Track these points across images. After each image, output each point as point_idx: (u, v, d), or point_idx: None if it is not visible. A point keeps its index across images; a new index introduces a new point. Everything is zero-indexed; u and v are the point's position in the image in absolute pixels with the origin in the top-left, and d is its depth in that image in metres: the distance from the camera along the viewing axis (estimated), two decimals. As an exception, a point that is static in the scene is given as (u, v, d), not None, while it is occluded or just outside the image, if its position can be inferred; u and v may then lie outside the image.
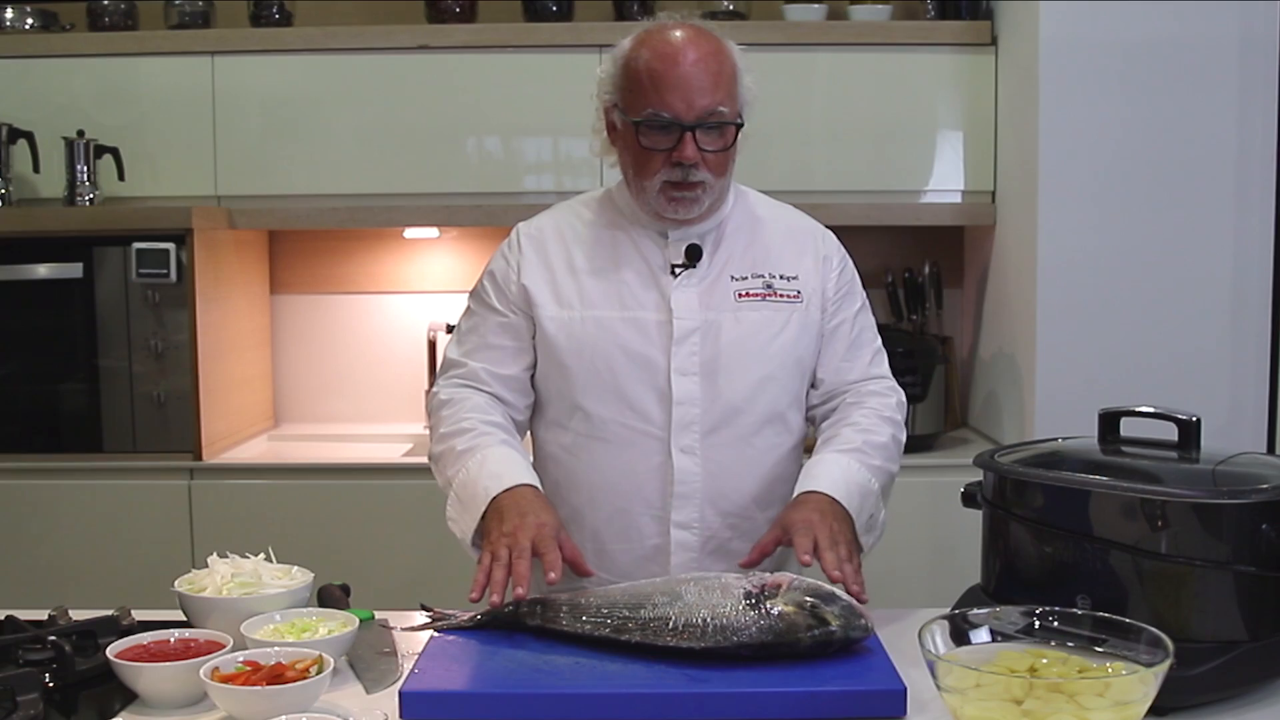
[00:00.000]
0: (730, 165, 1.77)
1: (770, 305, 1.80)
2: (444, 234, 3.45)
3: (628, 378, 1.77)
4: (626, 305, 1.78)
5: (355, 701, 1.39)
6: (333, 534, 2.92)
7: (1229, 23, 2.74)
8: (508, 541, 1.60)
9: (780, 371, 1.80)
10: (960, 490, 1.65)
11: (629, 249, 1.82)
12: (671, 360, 1.76)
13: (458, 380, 1.85)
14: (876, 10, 3.17)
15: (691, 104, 1.69)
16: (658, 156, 1.72)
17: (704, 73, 1.70)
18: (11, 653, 1.47)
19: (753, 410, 1.79)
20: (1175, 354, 2.79)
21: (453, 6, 3.22)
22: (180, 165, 3.14)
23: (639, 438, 1.77)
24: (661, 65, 1.70)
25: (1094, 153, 2.79)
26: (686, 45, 1.70)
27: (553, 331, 1.79)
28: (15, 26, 3.22)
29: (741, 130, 1.77)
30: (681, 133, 1.70)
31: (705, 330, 1.77)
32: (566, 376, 1.79)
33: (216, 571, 1.58)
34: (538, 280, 1.82)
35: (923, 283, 3.30)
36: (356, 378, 3.51)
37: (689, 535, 1.78)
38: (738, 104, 1.75)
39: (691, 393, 1.76)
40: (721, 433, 1.77)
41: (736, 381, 1.77)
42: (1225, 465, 1.46)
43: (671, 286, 1.78)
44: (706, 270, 1.80)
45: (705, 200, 1.75)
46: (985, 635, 1.30)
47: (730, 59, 1.75)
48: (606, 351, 1.77)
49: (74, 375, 3.00)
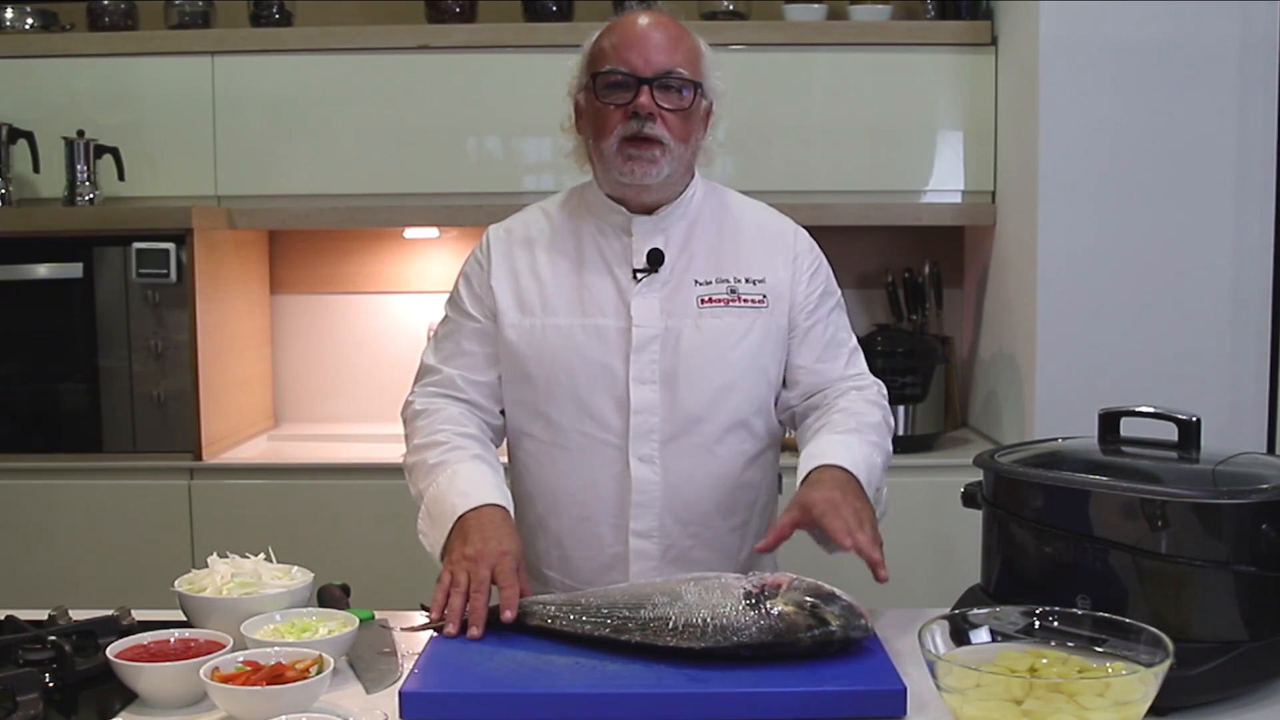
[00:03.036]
0: (692, 134, 1.76)
1: (733, 311, 1.78)
2: (444, 234, 3.45)
3: (587, 386, 1.76)
4: (587, 312, 1.78)
5: (355, 701, 1.39)
6: (333, 534, 2.92)
7: (1229, 23, 2.74)
8: (467, 567, 1.58)
9: (742, 379, 1.78)
10: (960, 490, 1.65)
11: (593, 251, 1.81)
12: (630, 368, 1.75)
13: (433, 389, 1.86)
14: (876, 10, 3.17)
15: (649, 59, 1.70)
16: (615, 114, 1.72)
17: (663, 36, 1.72)
18: (11, 653, 1.47)
19: (714, 418, 1.77)
20: (1175, 354, 2.79)
21: (453, 6, 3.22)
22: (180, 165, 3.14)
23: (599, 446, 1.76)
24: (622, 32, 1.73)
25: (1094, 153, 2.79)
26: (649, 18, 1.74)
27: (514, 339, 1.80)
28: (15, 26, 3.22)
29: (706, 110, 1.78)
30: (639, 86, 1.70)
31: (665, 338, 1.76)
32: (529, 384, 1.79)
33: (216, 571, 1.58)
34: (503, 285, 1.82)
35: (923, 283, 3.30)
36: (356, 378, 3.51)
37: (648, 544, 1.77)
38: (701, 74, 1.75)
39: (650, 401, 1.75)
40: (681, 441, 1.76)
41: (696, 390, 1.76)
42: (1225, 465, 1.46)
43: (632, 293, 1.77)
44: (669, 275, 1.79)
45: (664, 164, 1.73)
46: (985, 635, 1.31)
47: (693, 38, 1.77)
48: (566, 360, 1.77)
49: (74, 375, 3.00)
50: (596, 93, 1.73)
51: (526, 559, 1.83)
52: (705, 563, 1.78)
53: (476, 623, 1.52)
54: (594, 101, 1.74)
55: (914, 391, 3.08)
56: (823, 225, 3.20)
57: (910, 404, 3.08)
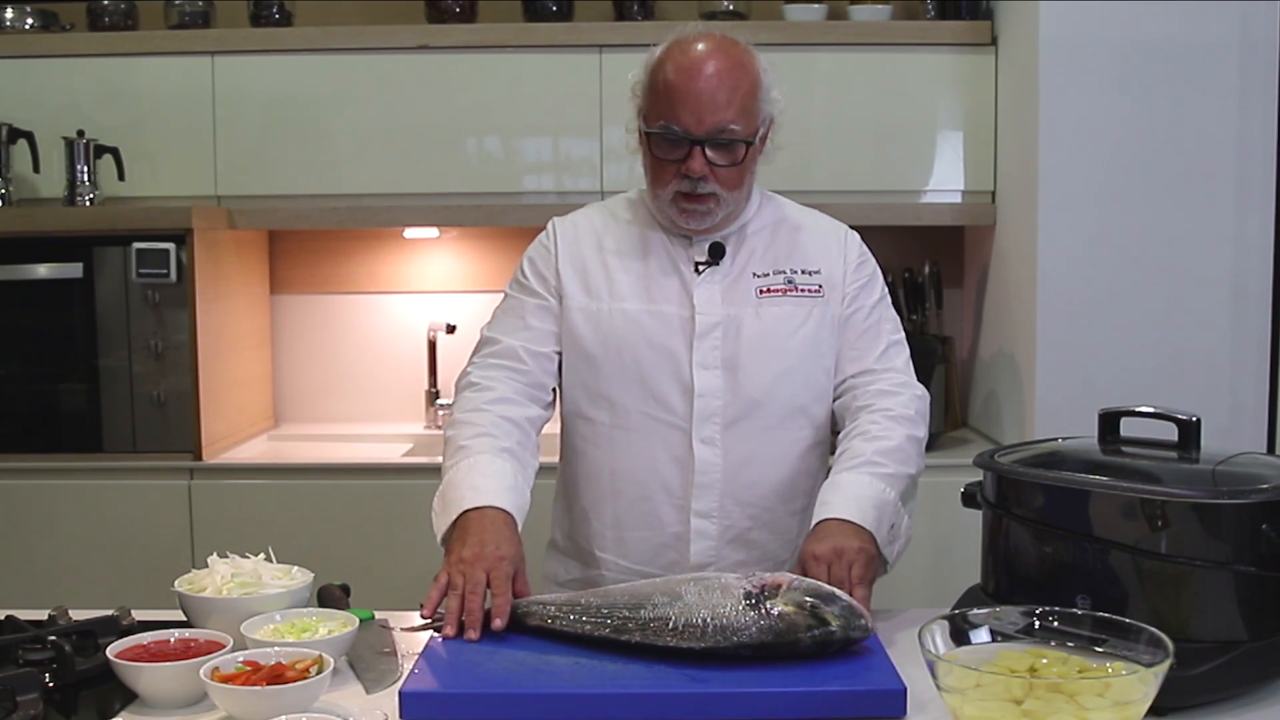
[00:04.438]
0: (745, 179, 1.80)
1: (791, 300, 1.84)
2: (444, 234, 3.45)
3: (651, 369, 1.81)
4: (652, 299, 1.83)
5: (355, 701, 1.39)
6: (333, 534, 2.92)
7: (1229, 23, 2.74)
8: (464, 569, 1.57)
9: (800, 365, 1.83)
10: (960, 490, 1.65)
11: (657, 246, 1.86)
12: (694, 354, 1.81)
13: (493, 360, 1.85)
14: (876, 10, 3.17)
15: (701, 120, 1.72)
16: (670, 167, 1.76)
17: (719, 89, 1.72)
18: (11, 653, 1.47)
19: (774, 403, 1.82)
20: (1175, 354, 2.79)
21: (453, 6, 3.22)
22: (180, 165, 3.14)
23: (661, 428, 1.81)
24: (678, 79, 1.73)
25: (1094, 153, 2.79)
26: (705, 59, 1.73)
27: (579, 322, 1.84)
28: (15, 26, 3.22)
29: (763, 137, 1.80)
30: (690, 146, 1.73)
31: (727, 325, 1.82)
32: (592, 366, 1.83)
33: (216, 571, 1.58)
34: (569, 269, 1.87)
35: (923, 283, 3.30)
36: (356, 378, 3.51)
37: (709, 524, 1.81)
38: (755, 120, 1.77)
39: (713, 385, 1.80)
40: (743, 425, 1.81)
41: (757, 375, 1.81)
42: (1225, 465, 1.46)
43: (695, 283, 1.83)
44: (729, 268, 1.85)
45: (718, 212, 1.80)
46: (985, 635, 1.31)
47: (750, 74, 1.75)
48: (632, 343, 1.82)
49: (74, 375, 3.00)
50: (652, 145, 1.77)
51: (577, 542, 1.90)
52: (763, 545, 1.84)
53: (473, 625, 1.52)
54: (648, 149, 1.78)
55: (914, 391, 3.08)
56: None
57: (911, 404, 3.08)
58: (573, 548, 1.93)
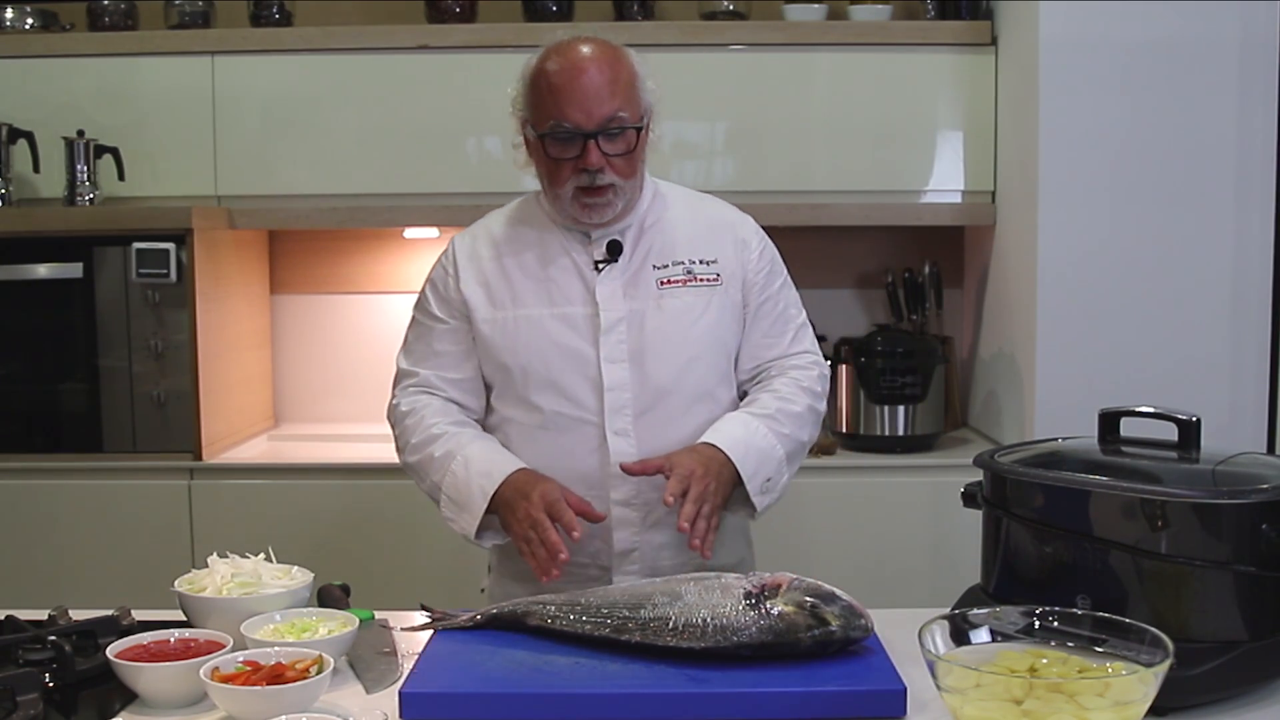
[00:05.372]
0: (638, 166, 1.87)
1: (691, 290, 1.90)
2: (444, 234, 3.45)
3: (561, 370, 1.86)
4: (555, 302, 1.89)
5: (355, 701, 1.39)
6: (333, 534, 2.92)
7: (1229, 23, 2.74)
8: (529, 524, 1.73)
9: (705, 352, 1.90)
10: (960, 490, 1.65)
11: (556, 249, 1.91)
12: (600, 350, 1.86)
13: (413, 389, 1.97)
14: (876, 10, 3.17)
15: (590, 113, 1.79)
16: (566, 165, 1.82)
17: (601, 82, 1.80)
18: (11, 653, 1.48)
19: (681, 390, 1.88)
20: (1175, 354, 2.79)
21: (453, 6, 3.22)
22: (180, 165, 3.14)
23: (576, 424, 1.86)
24: (559, 79, 1.80)
25: (1094, 153, 2.79)
26: (582, 58, 1.82)
27: (488, 333, 1.90)
28: (15, 26, 3.22)
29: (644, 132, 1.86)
30: (584, 141, 1.79)
31: (630, 319, 1.87)
32: (506, 373, 1.90)
33: (216, 571, 1.58)
34: (472, 286, 1.92)
35: (923, 283, 3.30)
36: (357, 378, 3.51)
37: (629, 511, 1.86)
38: (639, 108, 1.84)
39: (622, 379, 1.86)
40: (653, 413, 1.86)
41: (664, 365, 1.87)
42: (1225, 465, 1.46)
43: (596, 281, 1.88)
44: (628, 264, 1.90)
45: (618, 202, 1.85)
46: (985, 635, 1.31)
47: (627, 65, 1.84)
48: (540, 347, 1.88)
49: (74, 375, 3.00)
50: (545, 147, 1.83)
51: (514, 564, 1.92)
52: None
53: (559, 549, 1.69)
54: (542, 152, 1.84)
55: (914, 391, 3.08)
56: (823, 225, 3.24)
57: (910, 404, 3.08)
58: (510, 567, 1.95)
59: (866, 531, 2.97)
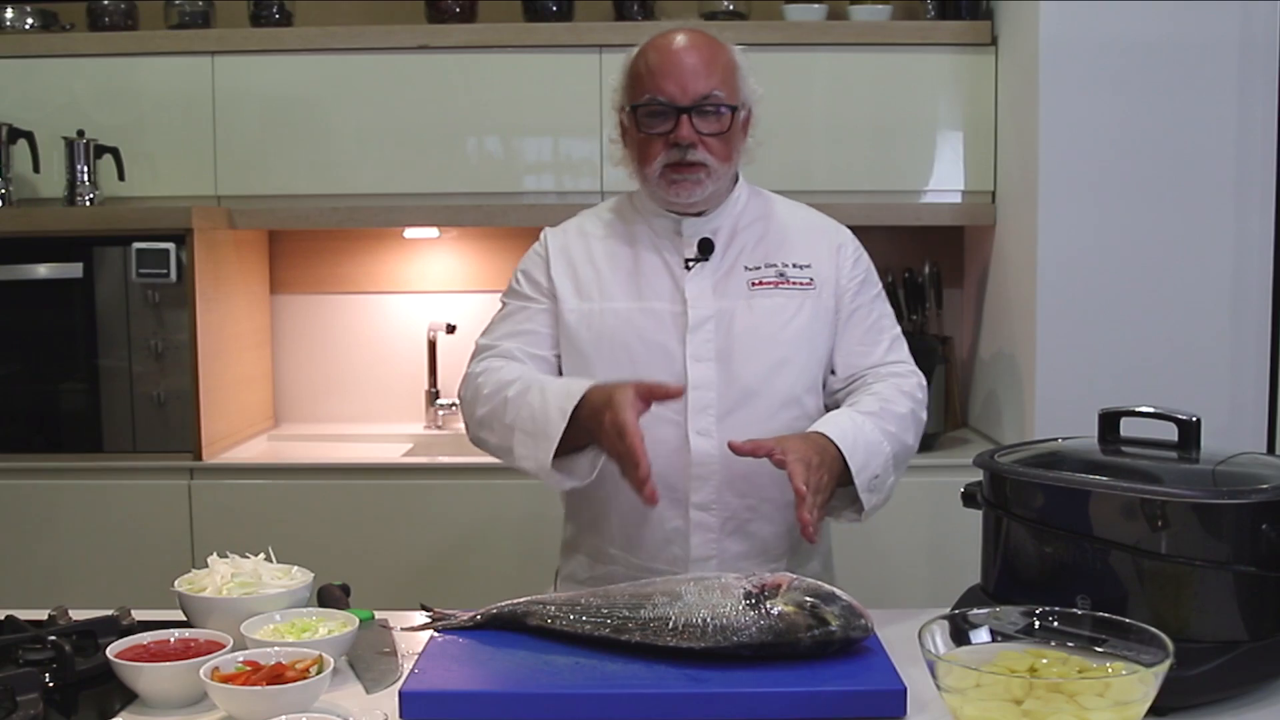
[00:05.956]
0: (734, 152, 1.84)
1: (783, 292, 1.86)
2: (444, 234, 3.45)
3: (645, 365, 1.82)
4: (643, 296, 1.85)
5: (355, 701, 1.39)
6: (333, 534, 2.92)
7: (1229, 23, 2.74)
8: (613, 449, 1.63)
9: (795, 355, 1.85)
10: (960, 490, 1.65)
11: (646, 245, 1.89)
12: (687, 347, 1.82)
13: (491, 356, 1.89)
14: (876, 10, 3.17)
15: (686, 88, 1.77)
16: (657, 141, 1.80)
17: (698, 60, 1.78)
18: (11, 653, 1.47)
19: (768, 394, 1.83)
20: (1175, 354, 2.79)
21: (453, 6, 3.22)
22: (180, 165, 3.14)
23: (657, 422, 1.78)
24: (658, 55, 1.80)
25: (1094, 153, 2.79)
26: (682, 39, 1.81)
27: (573, 323, 1.87)
28: (15, 26, 3.22)
29: (745, 119, 1.85)
30: (677, 115, 1.77)
31: (719, 318, 1.83)
32: (588, 366, 1.85)
33: (216, 571, 1.58)
34: (562, 274, 1.89)
35: (923, 283, 3.30)
36: (356, 378, 3.51)
37: (708, 516, 1.82)
38: (737, 93, 1.82)
39: (707, 377, 1.81)
40: (738, 415, 1.81)
41: (751, 366, 1.82)
42: (1225, 465, 1.46)
43: (685, 279, 1.85)
44: (719, 262, 1.87)
45: (707, 184, 1.81)
46: (985, 635, 1.30)
47: (727, 53, 1.83)
48: (625, 340, 1.84)
49: (74, 375, 3.00)
50: (638, 122, 1.81)
51: (593, 543, 1.90)
52: (762, 536, 1.84)
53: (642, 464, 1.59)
54: (635, 131, 1.82)
55: (914, 391, 3.08)
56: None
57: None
58: (585, 545, 1.94)
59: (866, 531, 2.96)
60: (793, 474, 1.63)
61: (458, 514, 2.96)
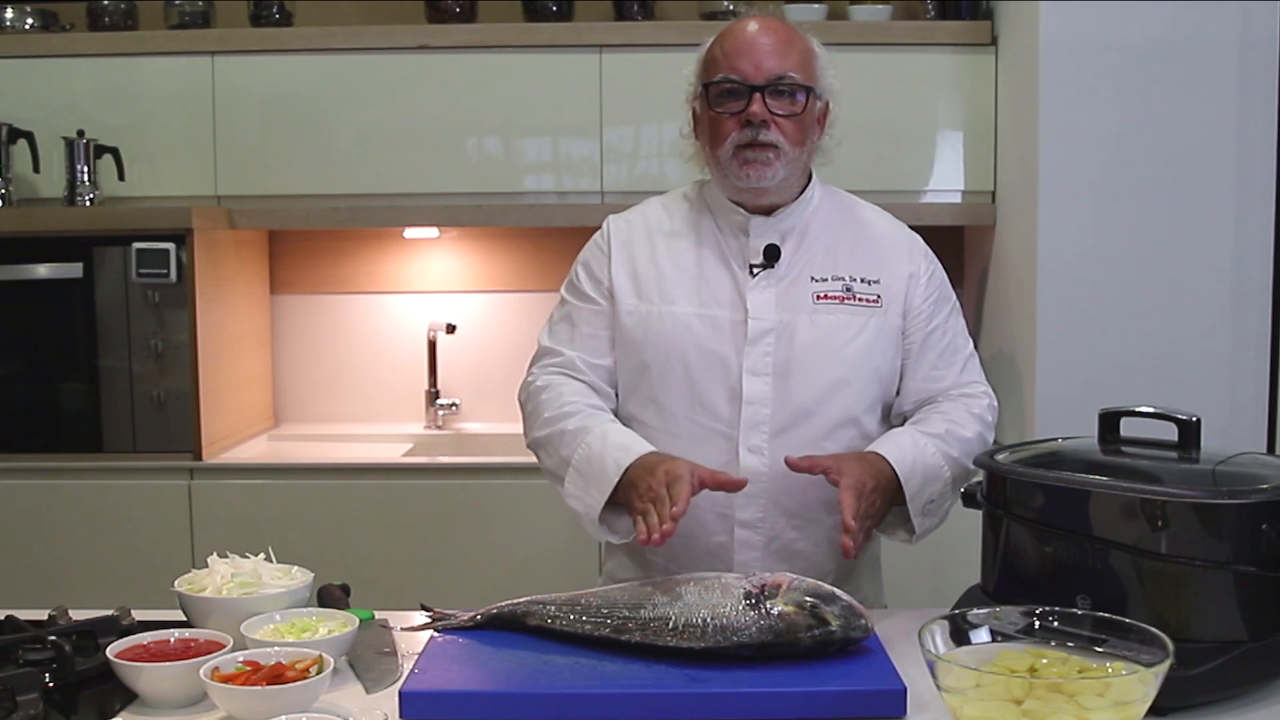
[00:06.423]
0: (807, 137, 1.78)
1: (848, 309, 1.80)
2: (444, 234, 3.45)
3: (700, 374, 1.77)
4: (704, 303, 1.80)
5: (355, 701, 1.39)
6: (333, 534, 2.92)
7: (1229, 23, 2.74)
8: (650, 493, 1.61)
9: (854, 375, 1.79)
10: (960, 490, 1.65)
11: (711, 245, 1.83)
12: (744, 360, 1.76)
13: (554, 368, 1.85)
14: (876, 10, 3.17)
15: (760, 66, 1.73)
16: (729, 121, 1.75)
17: (774, 41, 1.75)
18: (11, 653, 1.47)
19: (825, 413, 1.78)
20: (1175, 354, 2.79)
21: (453, 6, 3.22)
22: (180, 165, 3.14)
23: (709, 435, 1.76)
24: (733, 37, 1.76)
25: (1094, 153, 2.79)
26: (758, 23, 1.77)
27: (630, 325, 1.81)
28: (15, 26, 3.22)
29: (822, 111, 1.80)
30: (750, 94, 1.73)
31: (780, 331, 1.77)
32: (642, 369, 1.81)
33: (216, 571, 1.58)
34: (622, 272, 1.84)
35: (923, 283, 3.30)
36: (356, 378, 3.51)
37: (753, 534, 1.78)
38: (814, 78, 1.78)
39: (762, 393, 1.76)
40: (791, 434, 1.76)
41: (809, 384, 1.77)
42: (1225, 465, 1.46)
43: (748, 286, 1.79)
44: (785, 270, 1.80)
45: (779, 167, 1.75)
46: (985, 635, 1.30)
47: (805, 41, 1.79)
48: (681, 347, 1.78)
49: (74, 375, 3.00)
50: (710, 101, 1.77)
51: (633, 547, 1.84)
52: (808, 556, 1.79)
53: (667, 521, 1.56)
54: (708, 110, 1.78)
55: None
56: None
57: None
58: (629, 549, 1.88)
59: (866, 531, 2.96)
60: (844, 506, 1.61)
61: (458, 514, 2.96)
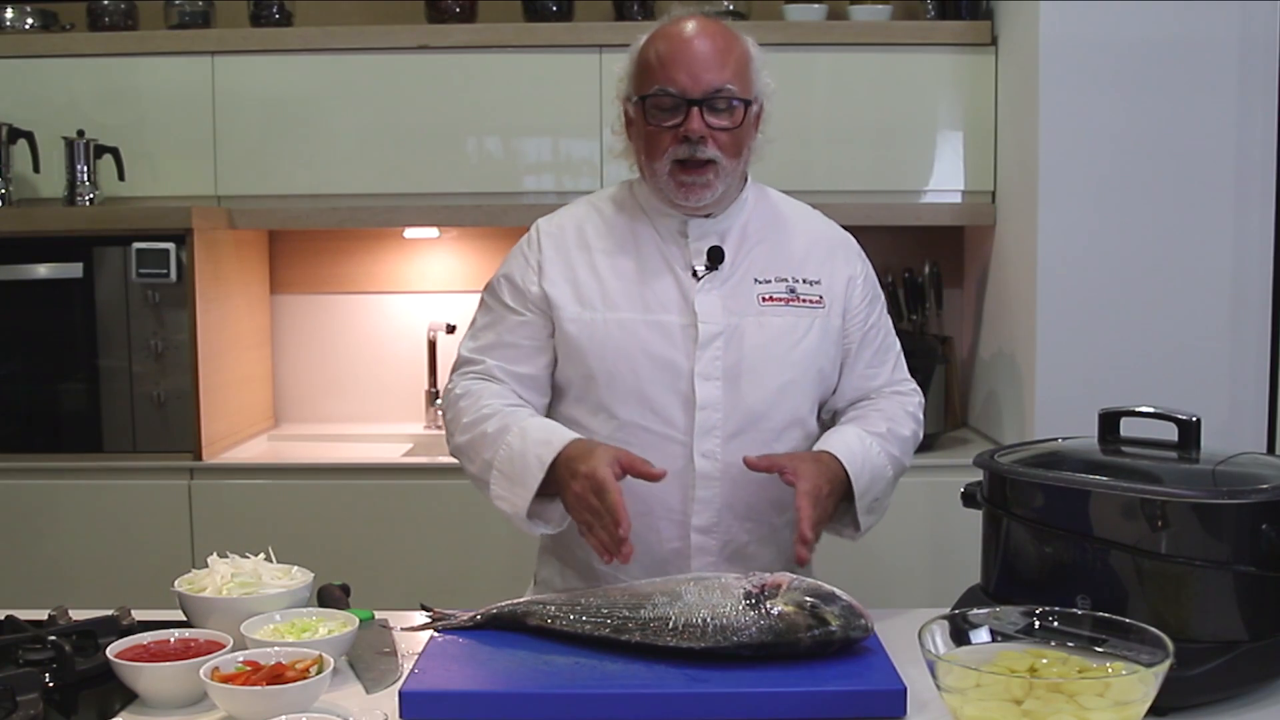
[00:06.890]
0: (744, 149, 1.77)
1: (793, 310, 1.80)
2: (444, 234, 3.45)
3: (651, 381, 1.75)
4: (650, 308, 1.77)
5: (355, 701, 1.39)
6: (333, 534, 2.92)
7: (1229, 23, 2.74)
8: (584, 505, 1.61)
9: (803, 377, 1.80)
10: (960, 490, 1.65)
11: (651, 249, 1.80)
12: (695, 365, 1.75)
13: (473, 376, 1.83)
14: (876, 10, 3.17)
15: (697, 79, 1.70)
16: (665, 135, 1.72)
17: (710, 51, 1.71)
18: (11, 653, 1.47)
19: (775, 415, 1.78)
20: (1175, 354, 2.79)
21: (453, 6, 3.22)
22: (180, 165, 3.14)
23: (661, 441, 1.75)
24: (668, 45, 1.73)
25: (1094, 153, 2.79)
26: (694, 27, 1.74)
27: (574, 333, 1.78)
28: (15, 26, 3.22)
29: (757, 114, 1.78)
30: (688, 108, 1.70)
31: (729, 335, 1.76)
32: (590, 378, 1.78)
33: (216, 571, 1.58)
34: (558, 281, 1.80)
35: (923, 283, 3.30)
36: (356, 378, 3.51)
37: (708, 539, 1.77)
38: (750, 87, 1.75)
39: (714, 397, 1.75)
40: (743, 438, 1.76)
41: (759, 386, 1.77)
42: (1225, 465, 1.46)
43: (695, 290, 1.77)
44: (729, 272, 1.79)
45: (717, 185, 1.74)
46: (985, 635, 1.31)
47: (741, 45, 1.76)
48: (630, 354, 1.76)
49: (74, 375, 3.00)
50: (646, 114, 1.74)
51: (574, 552, 1.84)
52: (760, 559, 1.79)
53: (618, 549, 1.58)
54: (643, 122, 1.75)
55: (914, 391, 3.08)
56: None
57: (910, 404, 3.08)
58: (570, 558, 1.86)
59: (866, 531, 2.96)
60: (802, 515, 1.62)
61: (458, 514, 2.96)
